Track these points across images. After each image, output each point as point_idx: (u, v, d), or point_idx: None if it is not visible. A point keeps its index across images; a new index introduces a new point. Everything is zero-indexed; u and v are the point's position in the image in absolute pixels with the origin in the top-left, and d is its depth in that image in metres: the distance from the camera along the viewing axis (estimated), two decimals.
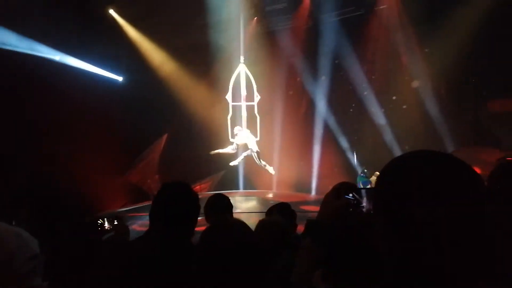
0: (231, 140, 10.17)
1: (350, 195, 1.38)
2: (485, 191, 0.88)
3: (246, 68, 10.42)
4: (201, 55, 14.84)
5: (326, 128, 14.65)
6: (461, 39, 11.33)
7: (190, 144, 15.25)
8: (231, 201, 3.06)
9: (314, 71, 14.70)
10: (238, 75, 11.72)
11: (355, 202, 1.38)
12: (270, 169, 11.55)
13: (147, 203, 13.47)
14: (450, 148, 12.40)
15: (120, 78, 15.21)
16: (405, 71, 13.52)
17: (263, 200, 12.25)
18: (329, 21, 14.43)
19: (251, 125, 10.49)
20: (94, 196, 12.27)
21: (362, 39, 14.03)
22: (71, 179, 11.23)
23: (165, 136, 15.89)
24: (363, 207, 1.40)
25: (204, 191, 14.78)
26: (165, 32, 14.14)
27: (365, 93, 14.08)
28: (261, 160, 11.12)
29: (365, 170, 12.11)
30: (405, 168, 0.90)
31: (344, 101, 14.79)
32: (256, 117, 9.05)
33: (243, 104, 10.35)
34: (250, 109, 13.33)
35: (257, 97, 9.14)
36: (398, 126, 13.30)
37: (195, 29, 14.10)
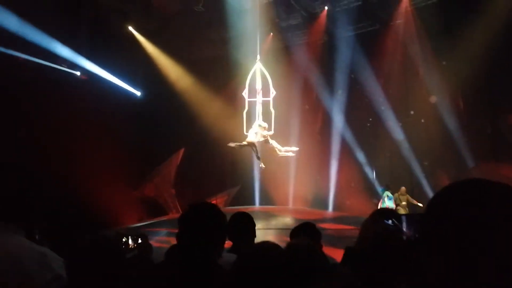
0: (246, 134, 10.07)
1: (390, 221, 1.34)
2: None
3: (261, 65, 10.37)
4: (217, 69, 15.01)
5: (343, 142, 14.51)
6: (478, 52, 11.17)
7: (206, 158, 15.32)
8: None
9: (330, 85, 14.67)
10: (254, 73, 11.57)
11: (394, 228, 1.33)
12: (293, 149, 11.03)
13: (164, 218, 13.51)
14: (469, 163, 12.16)
15: (138, 93, 15.43)
16: (422, 86, 13.37)
17: (281, 217, 12.16)
18: (345, 36, 14.44)
19: (266, 120, 10.38)
20: (110, 209, 12.36)
21: (378, 54, 13.95)
22: (88, 192, 11.32)
23: (181, 151, 15.98)
24: (403, 233, 1.35)
25: (220, 205, 14.73)
26: (182, 46, 14.36)
27: (382, 107, 13.93)
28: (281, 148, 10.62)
29: (389, 185, 11.88)
30: (463, 196, 0.86)
31: (361, 115, 14.67)
32: (272, 112, 9.00)
33: (259, 99, 10.21)
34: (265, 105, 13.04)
35: (272, 93, 9.08)
36: (416, 140, 13.09)
37: (211, 44, 14.28)
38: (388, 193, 11.50)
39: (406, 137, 13.39)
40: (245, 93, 9.95)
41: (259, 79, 10.08)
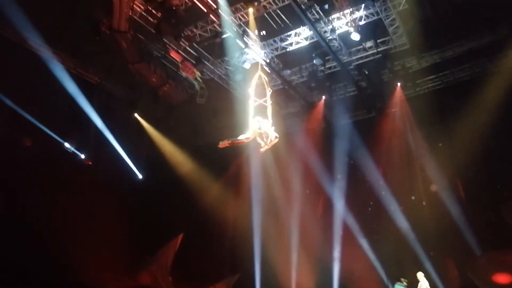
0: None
1: None
2: None
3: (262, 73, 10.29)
4: (220, 154, 15.27)
5: (345, 228, 14.26)
6: (473, 140, 11.53)
7: (205, 244, 14.92)
8: None
9: (330, 170, 14.85)
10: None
11: None
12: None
13: None
14: (476, 251, 11.84)
15: (140, 176, 15.54)
16: (421, 172, 13.52)
17: None
18: (342, 123, 15.00)
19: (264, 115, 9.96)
20: None
21: (376, 140, 14.35)
22: (80, 278, 10.89)
23: (180, 236, 15.63)
24: None
25: None
26: (186, 133, 14.81)
27: (383, 192, 13.95)
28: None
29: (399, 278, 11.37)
30: None
31: (362, 200, 14.63)
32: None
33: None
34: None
35: (269, 91, 8.91)
36: (420, 227, 12.87)
37: (215, 131, 14.75)
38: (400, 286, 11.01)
39: (409, 223, 13.18)
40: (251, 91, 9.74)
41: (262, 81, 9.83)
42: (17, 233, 10.38)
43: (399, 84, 13.58)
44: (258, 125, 8.38)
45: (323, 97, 14.79)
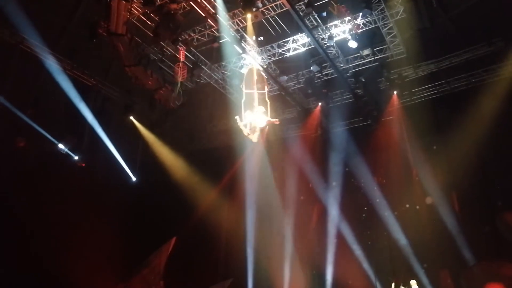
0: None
1: None
2: None
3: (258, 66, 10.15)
4: (215, 159, 15.26)
5: (339, 234, 14.25)
6: (471, 150, 11.57)
7: (199, 248, 14.85)
8: None
9: (325, 177, 14.85)
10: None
11: None
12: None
13: None
14: (470, 261, 11.86)
15: (133, 178, 15.45)
16: (416, 181, 13.54)
17: None
18: (338, 130, 15.04)
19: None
20: None
21: (371, 148, 14.36)
22: (70, 282, 10.78)
23: (173, 240, 15.53)
24: None
25: None
26: (182, 138, 14.77)
27: (377, 200, 13.96)
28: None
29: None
30: None
31: (356, 207, 14.63)
32: (267, 102, 8.68)
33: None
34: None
35: (267, 86, 8.79)
36: (414, 234, 12.88)
37: (211, 136, 14.74)
38: None
39: (404, 232, 13.16)
40: (242, 86, 9.65)
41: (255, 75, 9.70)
42: (5, 234, 10.27)
43: (395, 92, 13.63)
44: (250, 119, 8.35)
45: (319, 103, 14.82)
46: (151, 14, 10.99)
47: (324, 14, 10.81)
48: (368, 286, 13.34)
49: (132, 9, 10.59)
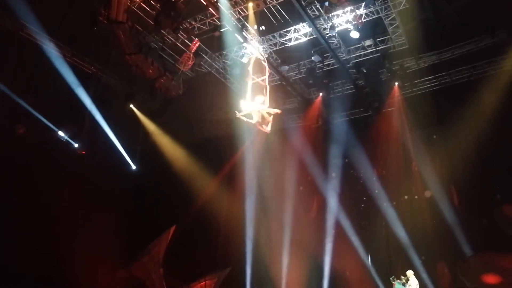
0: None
1: None
2: None
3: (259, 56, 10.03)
4: (215, 149, 15.26)
5: (338, 224, 14.33)
6: (470, 142, 11.58)
7: (198, 237, 14.94)
8: None
9: (324, 168, 14.88)
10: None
11: None
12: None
13: None
14: (466, 251, 11.95)
15: (133, 166, 15.46)
16: (415, 172, 13.57)
17: None
18: (338, 121, 15.01)
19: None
20: None
21: (371, 139, 14.37)
22: (70, 269, 10.86)
23: (172, 228, 15.63)
24: None
25: None
26: (182, 127, 14.74)
27: (376, 191, 14.01)
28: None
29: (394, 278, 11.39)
30: None
31: (355, 198, 14.69)
32: (267, 87, 8.67)
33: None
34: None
35: (268, 72, 8.77)
36: (412, 225, 12.94)
37: (211, 125, 14.71)
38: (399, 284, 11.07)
39: (402, 222, 13.22)
40: (244, 75, 9.58)
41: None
42: (6, 222, 10.30)
43: (396, 83, 13.59)
44: (254, 106, 8.33)
45: (320, 94, 14.77)
46: (152, 2, 10.89)
47: (327, 3, 10.71)
48: (366, 276, 13.45)
49: None
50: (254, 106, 8.13)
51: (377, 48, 12.58)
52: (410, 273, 11.06)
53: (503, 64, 12.22)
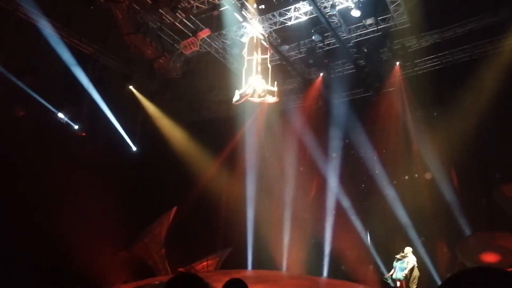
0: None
1: None
2: None
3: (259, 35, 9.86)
4: (216, 130, 15.24)
5: (338, 205, 14.43)
6: (469, 124, 11.56)
7: (199, 218, 15.08)
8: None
9: (324, 148, 14.88)
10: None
11: None
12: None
13: (150, 281, 12.97)
14: (466, 231, 12.06)
15: (134, 148, 15.48)
16: (415, 151, 13.59)
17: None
18: (339, 101, 14.93)
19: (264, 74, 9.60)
20: (95, 269, 11.86)
21: (372, 119, 14.33)
22: (72, 249, 10.94)
23: (174, 209, 15.76)
24: None
25: (211, 268, 14.30)
26: (182, 108, 14.69)
27: (377, 171, 14.06)
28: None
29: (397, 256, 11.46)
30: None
31: (355, 178, 14.75)
32: (268, 68, 8.69)
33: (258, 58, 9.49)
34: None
35: (269, 52, 8.74)
36: (412, 205, 13.03)
37: (211, 106, 14.63)
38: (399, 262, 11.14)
39: (402, 202, 13.28)
40: (244, 52, 9.60)
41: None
42: (6, 205, 10.33)
43: (397, 63, 13.46)
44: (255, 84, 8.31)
45: (321, 74, 14.66)
46: None
47: None
48: (365, 256, 13.62)
49: None
50: (251, 87, 8.07)
51: (378, 27, 12.38)
52: (408, 249, 11.15)
53: (505, 43, 12.09)
